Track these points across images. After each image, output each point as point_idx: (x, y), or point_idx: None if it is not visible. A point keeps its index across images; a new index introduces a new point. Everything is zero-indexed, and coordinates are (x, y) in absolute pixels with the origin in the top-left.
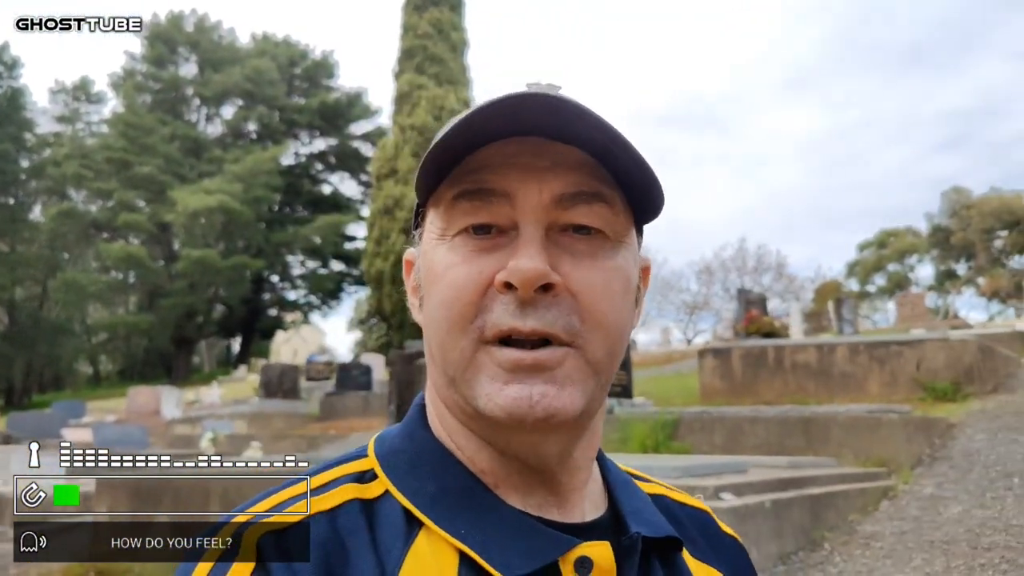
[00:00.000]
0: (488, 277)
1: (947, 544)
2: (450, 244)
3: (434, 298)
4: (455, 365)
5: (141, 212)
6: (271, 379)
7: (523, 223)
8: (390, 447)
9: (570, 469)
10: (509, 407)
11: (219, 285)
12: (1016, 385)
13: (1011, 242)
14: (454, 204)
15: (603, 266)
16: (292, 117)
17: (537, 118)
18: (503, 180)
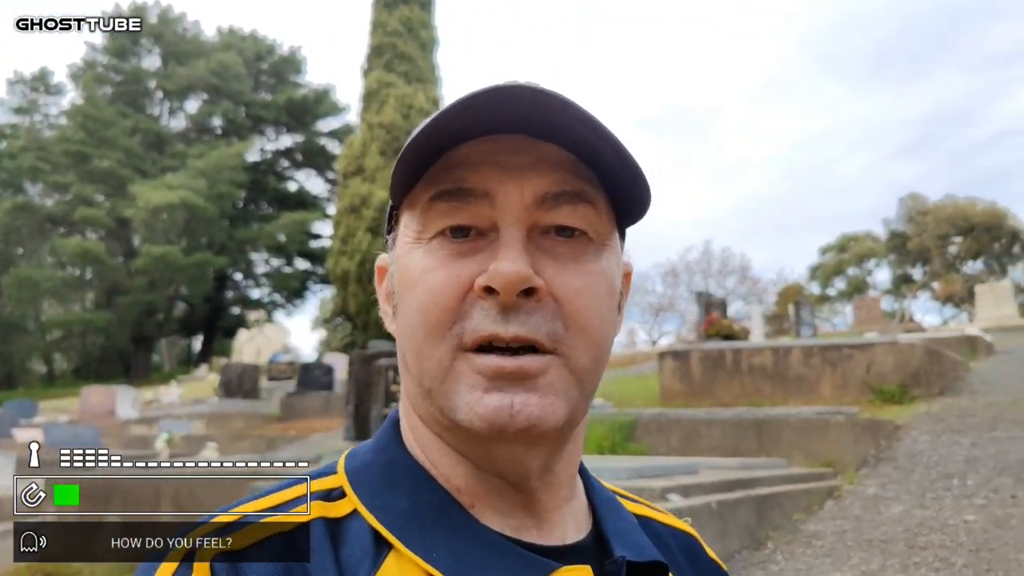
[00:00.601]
0: (467, 281)
1: (885, 543)
2: (426, 247)
3: (409, 304)
4: (431, 375)
5: (100, 207)
6: (231, 379)
7: (503, 225)
8: (361, 462)
9: (551, 486)
10: (489, 417)
11: (181, 283)
12: (962, 388)
13: (965, 248)
14: (431, 205)
15: (587, 270)
16: (258, 113)
17: (518, 113)
18: (482, 179)
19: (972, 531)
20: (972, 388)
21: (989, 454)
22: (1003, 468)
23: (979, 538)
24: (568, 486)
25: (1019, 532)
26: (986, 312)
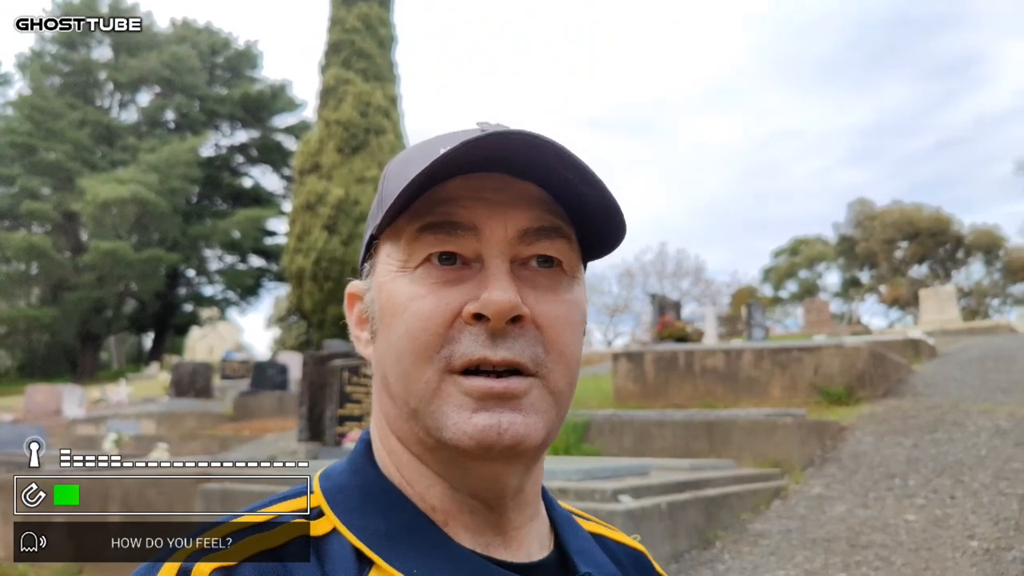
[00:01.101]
0: (455, 309)
1: (828, 542)
2: (412, 276)
3: (396, 329)
4: (419, 395)
5: (47, 200)
6: (183, 377)
7: (489, 256)
8: (336, 483)
9: (520, 504)
10: (478, 435)
11: (131, 279)
12: (905, 390)
13: (910, 252)
14: (418, 236)
15: (563, 299)
16: (212, 107)
17: (501, 154)
18: (469, 214)
19: (912, 530)
20: (915, 390)
21: (929, 455)
22: (942, 469)
23: (918, 537)
24: (533, 504)
25: (956, 532)
26: (930, 316)
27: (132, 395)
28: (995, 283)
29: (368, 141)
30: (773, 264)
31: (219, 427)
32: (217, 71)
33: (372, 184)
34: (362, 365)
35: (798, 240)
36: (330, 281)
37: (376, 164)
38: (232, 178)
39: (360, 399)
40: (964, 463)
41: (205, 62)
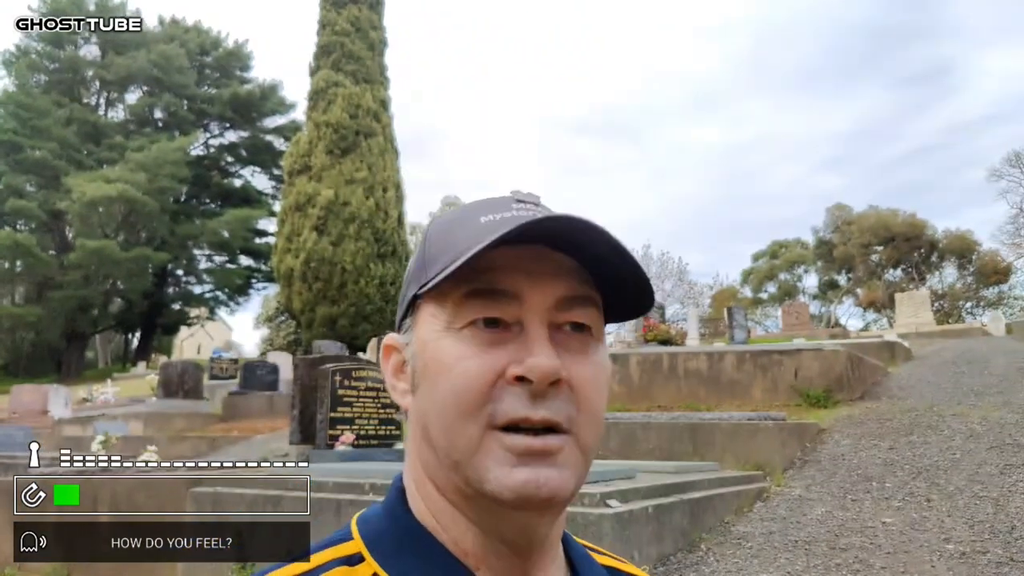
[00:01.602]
0: (499, 369)
1: (809, 544)
2: (458, 335)
3: (442, 385)
4: (462, 449)
5: (32, 198)
6: (171, 377)
7: (530, 322)
8: (375, 528)
9: (545, 548)
10: (519, 489)
11: (118, 277)
12: (881, 392)
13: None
14: (465, 300)
15: (593, 361)
16: (202, 107)
17: (541, 230)
18: (513, 282)
19: (890, 533)
20: (890, 393)
21: (905, 458)
22: (918, 472)
23: (896, 540)
24: (556, 547)
25: (933, 535)
26: (905, 318)
27: (119, 395)
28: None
29: (358, 143)
30: (754, 266)
31: (208, 428)
32: (206, 70)
33: (361, 186)
34: (354, 369)
35: (778, 243)
36: (319, 281)
37: (366, 166)
38: (222, 178)
39: (352, 402)
40: (939, 466)
41: (194, 61)
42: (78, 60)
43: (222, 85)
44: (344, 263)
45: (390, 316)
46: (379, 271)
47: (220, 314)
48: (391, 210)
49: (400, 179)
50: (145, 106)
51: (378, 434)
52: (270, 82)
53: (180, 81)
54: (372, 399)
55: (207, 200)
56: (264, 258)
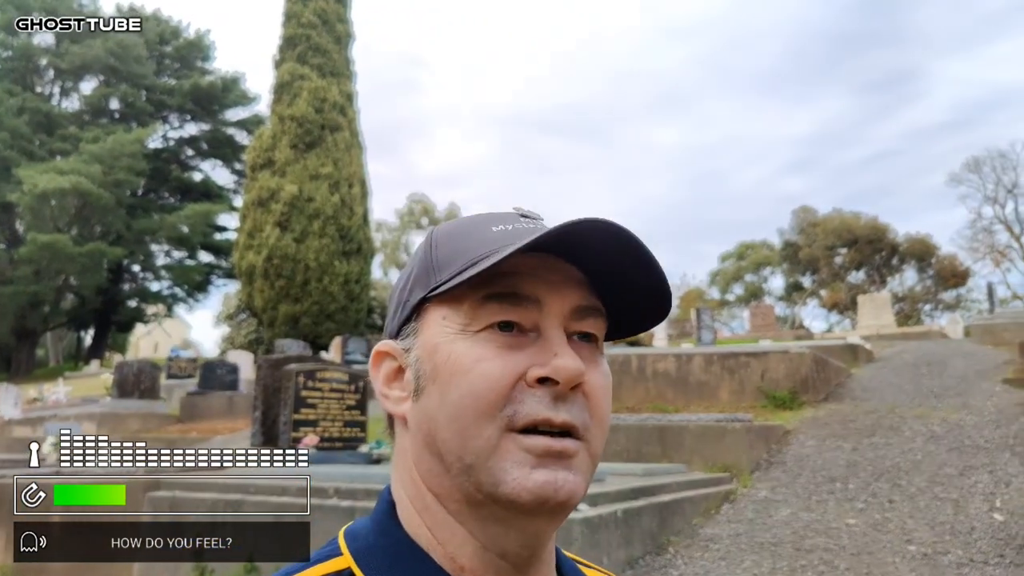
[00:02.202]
0: (520, 372)
1: (774, 546)
2: (474, 338)
3: (460, 388)
4: (477, 451)
5: None
6: (126, 376)
7: (549, 327)
8: (364, 544)
9: (540, 562)
10: (537, 490)
11: (70, 273)
12: (844, 394)
13: (849, 259)
14: (483, 304)
15: (602, 370)
16: (161, 98)
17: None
18: (533, 288)
19: (853, 534)
20: (854, 395)
21: (868, 459)
22: (880, 473)
23: (859, 541)
24: (550, 562)
25: (895, 536)
26: (867, 320)
27: (71, 395)
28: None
29: (323, 138)
30: (721, 268)
31: (165, 429)
32: (166, 61)
33: (326, 181)
34: (317, 370)
35: (744, 245)
36: (281, 278)
37: (331, 161)
38: (181, 171)
39: (315, 404)
40: (901, 468)
41: (153, 51)
42: (31, 48)
43: (182, 76)
44: (308, 260)
45: (354, 315)
46: (343, 269)
47: (178, 312)
48: (356, 207)
49: (366, 175)
50: (101, 96)
51: (343, 436)
52: (232, 74)
53: (138, 71)
54: (336, 400)
55: (166, 194)
56: (225, 254)
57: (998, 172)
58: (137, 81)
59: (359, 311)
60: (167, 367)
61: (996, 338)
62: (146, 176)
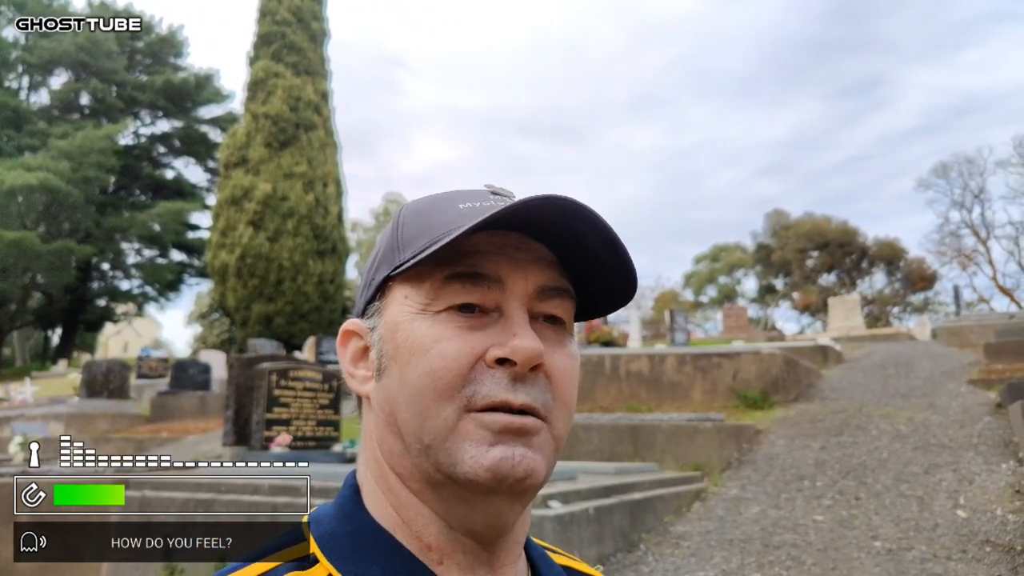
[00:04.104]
0: (479, 352)
1: (744, 542)
2: (434, 318)
3: (418, 368)
4: (435, 432)
5: None
6: (95, 376)
7: (511, 307)
8: (329, 530)
9: (509, 544)
10: (494, 466)
11: (37, 271)
12: (814, 394)
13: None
14: (445, 283)
15: (567, 352)
16: (132, 94)
17: (525, 218)
18: (495, 267)
19: (820, 531)
20: (823, 395)
21: (836, 457)
22: (848, 471)
23: (826, 537)
24: (520, 544)
25: (861, 532)
26: (837, 322)
27: (38, 394)
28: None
29: (298, 136)
30: (694, 270)
31: (134, 429)
32: (137, 56)
33: (301, 180)
34: (291, 368)
35: (718, 247)
36: (255, 278)
37: (306, 160)
38: (153, 169)
39: (288, 403)
40: (867, 466)
41: (124, 46)
42: (0, 41)
43: (154, 72)
44: (281, 260)
45: (328, 315)
46: (318, 268)
47: (149, 311)
48: (331, 206)
49: (341, 174)
50: (70, 91)
51: (316, 435)
52: (206, 71)
53: (108, 66)
54: (310, 399)
55: (137, 192)
56: (197, 253)
57: (965, 177)
58: (108, 77)
59: (333, 311)
60: (137, 367)
61: (962, 340)
62: (117, 173)
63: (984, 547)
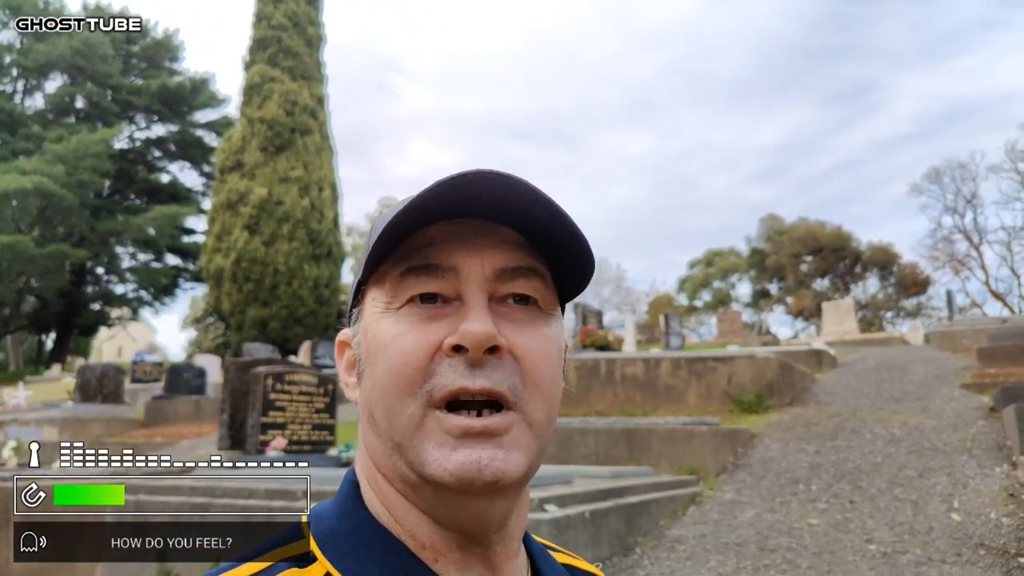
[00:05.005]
0: (436, 343)
1: (739, 546)
2: (396, 315)
3: (381, 365)
4: (402, 430)
5: None
6: (89, 380)
7: (468, 293)
8: (327, 527)
9: (506, 539)
10: (458, 472)
11: (32, 275)
12: (808, 398)
13: (814, 266)
14: (402, 279)
15: (539, 332)
16: (127, 98)
17: (478, 199)
18: (449, 256)
19: (815, 534)
20: (817, 399)
21: (830, 461)
22: (842, 475)
23: (821, 541)
24: (518, 539)
25: (855, 536)
26: (831, 327)
27: (31, 399)
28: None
29: (293, 141)
30: (689, 274)
31: (129, 433)
32: (133, 60)
33: (296, 184)
34: (286, 372)
35: (712, 252)
36: (250, 282)
37: (301, 164)
38: (148, 173)
39: (284, 407)
40: (862, 469)
41: (119, 50)
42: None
43: (149, 76)
44: (277, 264)
45: (323, 319)
46: (313, 273)
47: (144, 315)
48: (327, 210)
49: (336, 179)
50: (66, 95)
51: (311, 439)
52: (201, 75)
53: (103, 70)
54: (305, 403)
55: (132, 196)
56: (192, 257)
57: (958, 183)
58: (103, 80)
59: (329, 315)
60: (132, 371)
61: (955, 344)
62: (111, 177)
63: (978, 550)
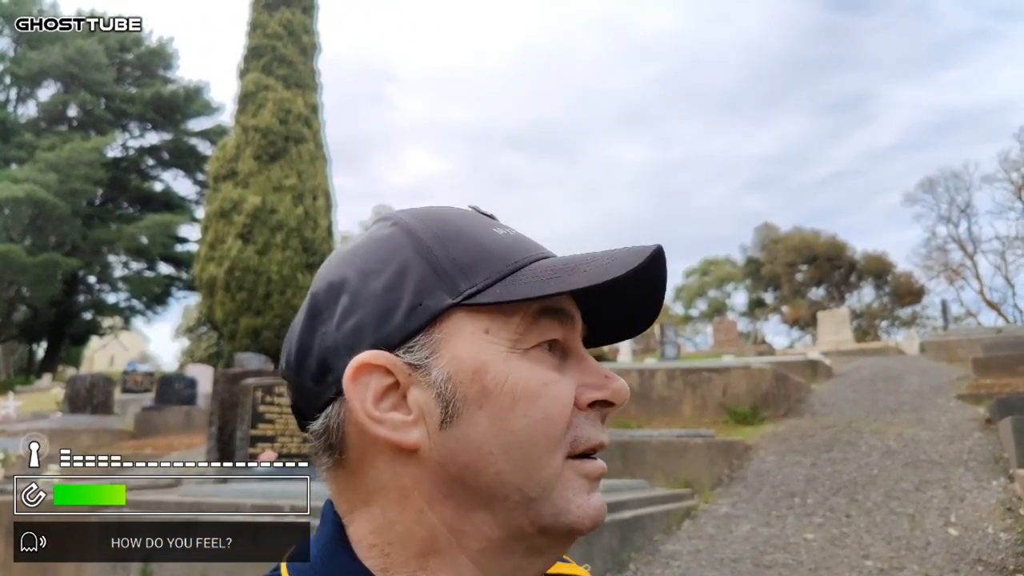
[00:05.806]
0: (575, 395)
1: (734, 562)
2: (528, 358)
3: (527, 415)
4: (544, 483)
5: None
6: (78, 390)
7: (580, 347)
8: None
9: None
10: (596, 515)
11: (23, 284)
12: (804, 410)
13: (810, 275)
14: (536, 319)
15: None
16: (121, 107)
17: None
18: (569, 304)
19: (811, 549)
20: (813, 410)
21: (826, 474)
22: (838, 488)
23: (817, 556)
24: None
25: (852, 551)
26: (826, 336)
27: (21, 409)
28: (884, 306)
29: (287, 149)
30: (684, 283)
31: (118, 444)
32: (127, 68)
33: (290, 193)
34: (276, 384)
35: (708, 261)
36: (243, 291)
37: (295, 173)
38: (141, 181)
39: (273, 419)
40: (858, 482)
41: (113, 58)
42: None
43: (143, 84)
44: (270, 273)
45: None
46: (307, 282)
47: (136, 324)
48: (321, 219)
49: (330, 187)
50: (59, 103)
51: (301, 452)
52: (195, 83)
53: (97, 78)
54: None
55: (125, 204)
56: (185, 266)
57: (951, 192)
58: (96, 88)
59: None
60: (122, 381)
61: (950, 354)
62: (104, 185)
63: (976, 566)
